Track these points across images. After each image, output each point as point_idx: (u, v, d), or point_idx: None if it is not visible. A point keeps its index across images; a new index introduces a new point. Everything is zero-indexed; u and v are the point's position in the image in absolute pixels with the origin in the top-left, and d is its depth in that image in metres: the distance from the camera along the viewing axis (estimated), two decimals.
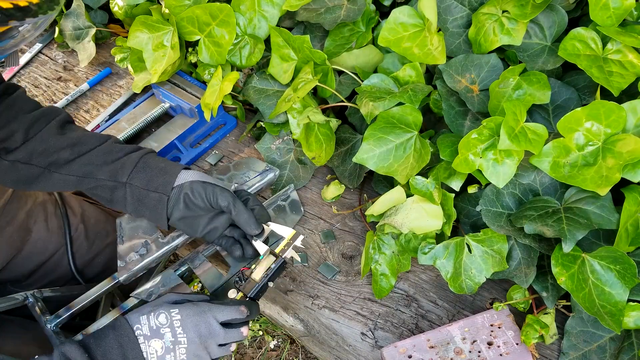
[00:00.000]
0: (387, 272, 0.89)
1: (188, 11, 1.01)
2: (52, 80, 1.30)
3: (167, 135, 1.10)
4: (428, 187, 0.83)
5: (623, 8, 0.78)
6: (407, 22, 0.91)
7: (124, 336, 0.70)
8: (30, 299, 0.89)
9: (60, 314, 0.87)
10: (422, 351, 0.80)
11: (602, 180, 0.73)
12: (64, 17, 1.28)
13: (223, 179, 1.01)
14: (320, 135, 0.96)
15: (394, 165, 0.87)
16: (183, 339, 0.71)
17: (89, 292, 0.90)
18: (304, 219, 1.01)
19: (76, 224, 1.05)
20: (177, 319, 0.71)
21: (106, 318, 0.87)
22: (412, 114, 0.85)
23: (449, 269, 0.82)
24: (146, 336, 0.70)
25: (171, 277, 0.89)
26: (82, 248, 1.05)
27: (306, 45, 0.96)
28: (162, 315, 0.71)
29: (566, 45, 0.82)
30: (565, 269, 0.74)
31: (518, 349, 0.79)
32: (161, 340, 0.70)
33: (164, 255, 0.92)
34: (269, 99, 1.03)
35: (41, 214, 1.01)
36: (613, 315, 0.71)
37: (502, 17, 0.88)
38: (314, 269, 0.96)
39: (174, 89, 1.12)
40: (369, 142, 0.87)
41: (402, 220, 0.84)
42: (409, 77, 0.91)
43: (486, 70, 0.90)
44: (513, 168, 0.78)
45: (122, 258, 0.91)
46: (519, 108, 0.77)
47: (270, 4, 1.03)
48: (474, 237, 0.81)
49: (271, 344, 1.13)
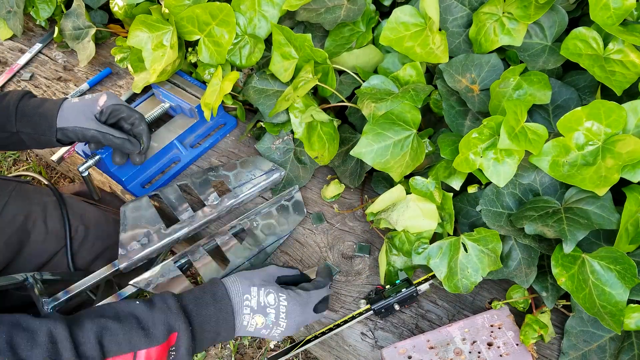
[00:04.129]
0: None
1: (188, 11, 1.01)
2: (52, 80, 1.30)
3: (167, 135, 1.10)
4: (428, 187, 0.84)
5: (623, 8, 0.78)
6: (409, 21, 0.91)
7: (223, 311, 0.73)
8: (30, 280, 0.89)
9: (58, 296, 0.87)
10: (421, 352, 0.80)
11: (601, 181, 0.73)
12: (64, 17, 1.28)
13: (229, 176, 1.02)
14: (323, 134, 0.96)
15: (390, 161, 0.87)
16: (283, 323, 0.76)
17: (88, 278, 0.91)
18: (303, 219, 1.01)
19: (76, 225, 1.04)
20: (283, 305, 0.76)
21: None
22: (411, 112, 0.85)
23: (443, 269, 0.82)
24: (253, 309, 0.75)
25: (170, 268, 0.90)
26: (82, 250, 1.04)
27: (307, 44, 0.96)
28: (271, 296, 0.76)
29: (568, 44, 0.82)
30: (565, 270, 0.74)
31: (518, 349, 0.79)
32: (264, 318, 0.75)
33: (165, 246, 0.93)
34: (269, 99, 1.03)
35: (40, 216, 1.01)
36: (613, 315, 0.71)
37: (502, 17, 0.88)
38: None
39: (174, 89, 1.12)
40: (367, 136, 0.87)
41: (397, 217, 0.84)
42: (410, 76, 0.91)
43: (487, 70, 0.90)
44: (514, 167, 0.78)
45: (123, 246, 0.91)
46: (520, 108, 0.77)
47: (270, 4, 1.03)
48: (469, 236, 0.81)
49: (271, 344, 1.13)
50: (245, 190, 1.01)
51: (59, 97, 1.25)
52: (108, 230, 1.09)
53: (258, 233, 0.97)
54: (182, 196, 0.99)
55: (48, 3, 1.32)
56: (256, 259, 0.95)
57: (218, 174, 1.02)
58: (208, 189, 1.00)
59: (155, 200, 1.04)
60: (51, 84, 1.29)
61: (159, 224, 0.94)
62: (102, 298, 0.93)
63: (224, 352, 1.13)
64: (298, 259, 0.97)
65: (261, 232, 0.97)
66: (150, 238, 0.93)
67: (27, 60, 1.34)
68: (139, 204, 0.96)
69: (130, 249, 0.92)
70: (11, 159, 1.52)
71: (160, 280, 0.89)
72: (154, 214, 0.95)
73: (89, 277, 0.91)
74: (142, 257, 0.92)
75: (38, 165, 1.50)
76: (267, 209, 1.00)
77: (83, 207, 1.10)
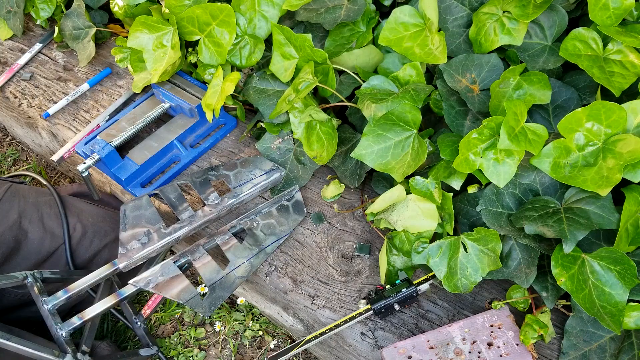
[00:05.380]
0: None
1: (188, 11, 1.01)
2: (52, 80, 1.30)
3: (167, 135, 1.10)
4: (428, 186, 0.84)
5: (623, 8, 0.78)
6: (408, 22, 0.91)
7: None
8: (30, 278, 0.89)
9: (58, 295, 0.87)
10: (421, 352, 0.80)
11: (603, 181, 0.73)
12: (64, 17, 1.28)
13: (229, 175, 1.02)
14: (321, 134, 0.96)
15: (391, 162, 0.87)
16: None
17: (87, 277, 0.91)
18: (303, 219, 1.01)
19: (74, 223, 1.05)
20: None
21: (103, 302, 0.87)
22: (412, 112, 0.85)
23: (443, 269, 0.82)
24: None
25: (170, 267, 0.90)
26: (80, 248, 1.05)
27: (307, 44, 0.96)
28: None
29: (567, 45, 0.82)
30: (565, 270, 0.74)
31: (518, 349, 0.79)
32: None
33: (165, 245, 0.93)
34: (269, 99, 1.03)
35: (35, 214, 1.01)
36: (613, 315, 0.71)
37: (502, 17, 0.88)
38: (314, 268, 0.95)
39: (174, 89, 1.12)
40: (368, 138, 0.87)
41: (397, 217, 0.84)
42: (410, 76, 0.91)
43: (487, 70, 0.90)
44: (514, 167, 0.78)
45: (123, 245, 0.91)
46: (520, 108, 0.77)
47: (270, 4, 1.03)
48: (469, 236, 0.81)
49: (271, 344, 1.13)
50: (246, 190, 1.01)
51: (59, 97, 1.26)
52: (106, 228, 1.09)
53: (258, 233, 0.97)
54: (182, 195, 0.99)
55: (48, 3, 1.32)
56: (256, 258, 0.95)
57: (218, 174, 1.02)
58: (208, 188, 1.00)
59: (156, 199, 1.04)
60: (51, 84, 1.29)
61: (159, 223, 0.95)
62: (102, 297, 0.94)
63: (224, 352, 1.13)
64: (298, 259, 0.97)
65: (261, 231, 0.97)
66: (150, 237, 0.93)
67: (27, 60, 1.34)
68: (139, 203, 0.96)
69: (130, 248, 0.92)
70: (11, 159, 1.52)
71: (160, 279, 0.89)
72: (154, 213, 0.96)
73: (89, 276, 0.91)
74: (142, 256, 0.92)
75: (38, 165, 1.50)
76: (267, 209, 1.00)
77: (80, 205, 1.10)
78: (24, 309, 1.03)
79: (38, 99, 1.26)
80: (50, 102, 1.25)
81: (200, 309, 0.88)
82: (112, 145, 1.04)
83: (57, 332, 0.86)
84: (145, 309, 1.01)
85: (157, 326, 1.17)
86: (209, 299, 0.89)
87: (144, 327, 1.02)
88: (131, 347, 1.14)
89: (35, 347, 0.81)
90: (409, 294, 0.86)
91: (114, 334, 1.15)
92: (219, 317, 1.16)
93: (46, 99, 1.26)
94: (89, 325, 0.93)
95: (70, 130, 1.19)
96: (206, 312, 0.88)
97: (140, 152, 1.07)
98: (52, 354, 0.82)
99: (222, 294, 0.90)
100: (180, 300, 0.88)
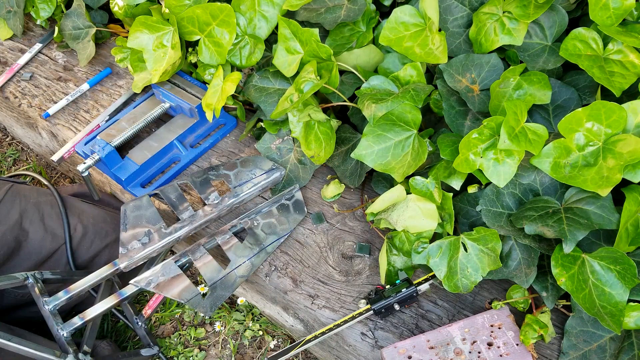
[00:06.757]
0: None
1: (188, 11, 1.01)
2: (52, 80, 1.30)
3: (167, 135, 1.10)
4: (428, 186, 0.84)
5: (623, 8, 0.78)
6: (409, 22, 0.91)
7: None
8: (30, 279, 0.90)
9: (59, 296, 0.87)
10: (421, 352, 0.80)
11: (603, 181, 0.73)
12: (64, 17, 1.28)
13: (230, 175, 1.02)
14: (320, 133, 0.96)
15: (391, 162, 0.87)
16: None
17: (88, 277, 0.91)
18: (304, 219, 1.01)
19: (74, 223, 1.05)
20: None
21: (104, 303, 0.87)
22: (412, 112, 0.85)
23: (443, 268, 0.82)
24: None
25: (171, 267, 0.90)
26: (81, 248, 1.05)
27: (314, 39, 0.95)
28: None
29: (567, 45, 0.82)
30: (565, 270, 0.74)
31: (518, 349, 0.79)
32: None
33: (166, 245, 0.93)
34: (270, 97, 1.03)
35: (36, 214, 1.01)
36: (613, 315, 0.71)
37: (502, 17, 0.88)
38: (314, 268, 0.96)
39: (174, 89, 1.12)
40: (368, 138, 0.87)
41: (397, 217, 0.84)
42: (410, 76, 0.91)
43: (487, 70, 0.90)
44: (514, 167, 0.78)
45: (124, 245, 0.91)
46: (520, 108, 0.77)
47: (270, 4, 1.02)
48: (469, 236, 0.81)
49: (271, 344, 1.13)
50: (246, 190, 1.01)
51: (59, 97, 1.26)
52: (106, 229, 1.09)
53: (259, 232, 0.97)
54: (183, 195, 0.99)
55: (48, 3, 1.32)
56: (257, 257, 0.95)
57: (218, 173, 1.02)
58: (209, 188, 1.00)
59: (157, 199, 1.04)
60: (51, 84, 1.29)
61: (159, 223, 0.95)
62: (103, 297, 0.94)
63: (224, 352, 1.13)
64: (298, 259, 0.97)
65: (262, 231, 0.97)
66: (151, 237, 0.93)
67: (27, 60, 1.34)
68: (139, 203, 0.96)
69: (131, 248, 0.92)
70: (11, 159, 1.52)
71: (161, 279, 0.89)
72: (155, 213, 0.96)
73: (90, 276, 0.91)
74: (142, 256, 0.92)
75: (38, 165, 1.50)
76: (267, 208, 1.00)
77: (81, 206, 1.10)
78: (24, 309, 1.03)
79: (38, 99, 1.26)
80: (50, 102, 1.25)
81: (202, 309, 0.88)
82: (112, 145, 1.04)
83: (59, 333, 0.86)
84: (146, 309, 1.01)
85: (157, 326, 1.17)
86: (210, 299, 0.89)
87: (145, 327, 1.02)
88: (131, 347, 1.14)
89: (37, 348, 0.81)
90: (409, 294, 0.86)
91: (114, 333, 1.15)
92: (219, 317, 1.16)
93: (46, 99, 1.26)
94: (90, 326, 0.93)
95: (70, 130, 1.19)
96: (207, 311, 0.88)
97: (140, 152, 1.07)
98: (53, 354, 0.82)
99: (223, 293, 0.90)
100: (182, 299, 0.88)
